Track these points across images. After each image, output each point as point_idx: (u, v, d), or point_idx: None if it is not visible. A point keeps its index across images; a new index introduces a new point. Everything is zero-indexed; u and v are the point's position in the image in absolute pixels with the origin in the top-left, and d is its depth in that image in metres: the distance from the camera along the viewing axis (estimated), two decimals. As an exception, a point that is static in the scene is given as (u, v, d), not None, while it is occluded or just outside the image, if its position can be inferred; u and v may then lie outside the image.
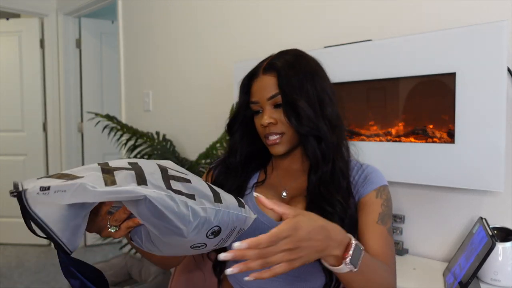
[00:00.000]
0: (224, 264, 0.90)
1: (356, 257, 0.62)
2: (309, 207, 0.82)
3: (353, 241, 0.63)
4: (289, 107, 0.81)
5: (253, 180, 0.93)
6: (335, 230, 0.62)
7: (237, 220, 0.67)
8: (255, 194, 0.63)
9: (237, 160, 0.90)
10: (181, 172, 0.68)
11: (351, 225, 0.81)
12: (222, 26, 2.03)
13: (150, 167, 0.64)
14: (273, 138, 0.83)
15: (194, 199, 0.62)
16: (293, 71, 0.82)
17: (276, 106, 0.83)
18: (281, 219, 0.76)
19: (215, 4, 2.05)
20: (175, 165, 0.72)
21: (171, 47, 2.34)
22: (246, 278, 0.56)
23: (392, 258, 0.78)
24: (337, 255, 0.62)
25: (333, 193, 0.81)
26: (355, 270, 0.62)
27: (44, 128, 3.39)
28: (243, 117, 0.90)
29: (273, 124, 0.83)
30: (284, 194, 0.90)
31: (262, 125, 0.83)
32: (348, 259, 0.61)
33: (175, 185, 0.62)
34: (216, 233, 0.64)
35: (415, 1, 1.35)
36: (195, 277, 1.00)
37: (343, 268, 0.62)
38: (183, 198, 0.60)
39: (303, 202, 0.85)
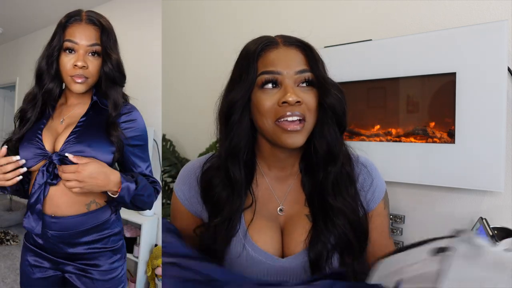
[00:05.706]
0: None
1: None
2: (316, 228, 0.68)
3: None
4: (323, 88, 0.66)
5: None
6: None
7: None
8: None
9: (242, 165, 0.72)
10: None
11: (364, 237, 0.70)
12: (220, 26, 2.03)
13: None
14: (295, 121, 0.64)
15: None
16: (316, 52, 0.70)
17: (304, 82, 0.66)
18: (283, 254, 0.72)
19: (213, 4, 2.05)
20: None
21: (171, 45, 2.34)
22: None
23: None
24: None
25: (341, 204, 0.67)
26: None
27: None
28: (248, 96, 0.68)
29: (299, 104, 0.64)
30: (280, 208, 0.74)
31: (286, 102, 0.63)
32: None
33: None
34: None
35: (415, 1, 1.35)
36: None
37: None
38: None
39: (304, 219, 0.71)
